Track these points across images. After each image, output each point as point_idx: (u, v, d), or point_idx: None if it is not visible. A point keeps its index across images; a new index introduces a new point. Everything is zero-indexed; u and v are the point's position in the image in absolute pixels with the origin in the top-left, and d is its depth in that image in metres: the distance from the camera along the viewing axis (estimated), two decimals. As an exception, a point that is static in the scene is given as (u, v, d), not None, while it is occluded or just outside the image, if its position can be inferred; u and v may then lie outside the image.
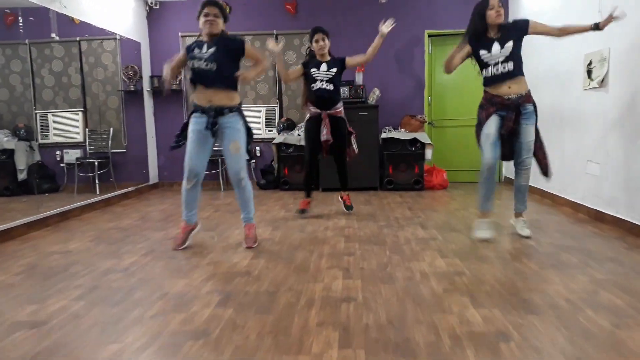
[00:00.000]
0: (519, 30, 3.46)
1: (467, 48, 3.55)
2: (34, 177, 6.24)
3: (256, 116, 6.90)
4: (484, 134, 3.47)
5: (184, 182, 3.36)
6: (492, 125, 3.44)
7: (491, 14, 3.40)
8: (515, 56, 3.42)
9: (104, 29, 5.84)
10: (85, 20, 5.31)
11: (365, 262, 3.05)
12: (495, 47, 3.43)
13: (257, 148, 6.92)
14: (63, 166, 6.45)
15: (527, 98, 3.45)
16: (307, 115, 4.57)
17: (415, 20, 6.56)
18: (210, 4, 3.24)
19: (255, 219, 3.55)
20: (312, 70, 4.40)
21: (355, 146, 4.62)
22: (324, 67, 4.40)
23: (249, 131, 3.38)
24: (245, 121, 3.36)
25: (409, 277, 2.74)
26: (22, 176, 6.16)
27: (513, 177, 3.72)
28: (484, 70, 3.52)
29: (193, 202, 3.41)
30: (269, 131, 6.89)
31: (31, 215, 4.25)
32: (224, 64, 3.23)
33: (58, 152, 6.49)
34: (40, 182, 6.33)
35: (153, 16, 6.81)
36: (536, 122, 3.51)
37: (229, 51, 3.28)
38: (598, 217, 4.07)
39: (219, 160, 6.68)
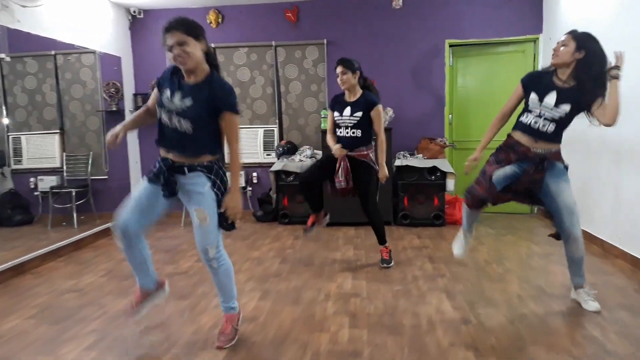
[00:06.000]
0: (581, 99, 2.70)
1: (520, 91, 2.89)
2: (5, 207, 5.62)
3: (253, 138, 6.11)
4: (496, 174, 2.83)
5: (117, 242, 2.49)
6: (504, 170, 2.81)
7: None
8: (563, 124, 2.75)
9: (75, 44, 5.09)
10: (49, 36, 4.56)
11: (376, 374, 2.24)
12: (551, 98, 2.71)
13: (254, 174, 6.13)
14: (37, 195, 5.76)
15: (557, 155, 2.81)
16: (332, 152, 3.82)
17: (434, 28, 5.71)
18: (172, 28, 2.30)
19: (239, 305, 2.66)
20: (336, 115, 3.72)
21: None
22: (347, 111, 3.67)
23: (219, 194, 2.45)
24: (214, 182, 2.43)
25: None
26: (-8, 206, 5.52)
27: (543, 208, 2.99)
28: (523, 115, 2.81)
29: (142, 263, 2.54)
30: (267, 155, 6.10)
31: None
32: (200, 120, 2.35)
33: (32, 179, 5.81)
34: (13, 212, 5.69)
35: (136, 27, 6.05)
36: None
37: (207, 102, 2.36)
38: (672, 284, 3.21)
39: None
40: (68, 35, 4.88)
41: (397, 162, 5.35)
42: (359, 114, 3.65)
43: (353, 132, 3.66)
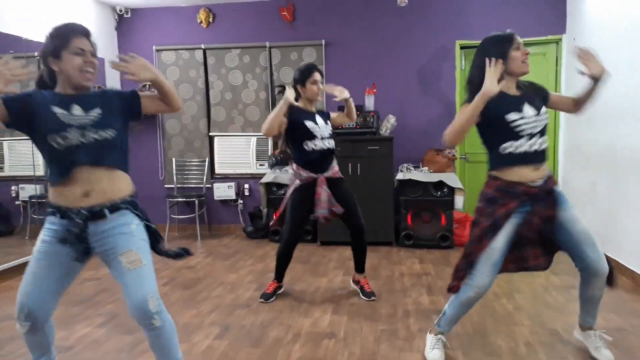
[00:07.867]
0: (540, 96, 2.29)
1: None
2: (-16, 217, 5.29)
3: (245, 147, 5.66)
4: (491, 248, 2.15)
5: (17, 325, 1.95)
6: (505, 233, 2.16)
7: (517, 57, 2.15)
8: (545, 131, 2.22)
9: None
10: (28, 37, 4.23)
11: None
12: (528, 109, 2.17)
13: (246, 186, 5.67)
14: (19, 204, 5.42)
15: (553, 180, 2.26)
16: (296, 182, 3.25)
17: (443, 28, 5.17)
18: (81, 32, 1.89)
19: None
20: (308, 123, 3.15)
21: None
22: (320, 120, 3.24)
23: (150, 230, 1.97)
24: (141, 218, 1.95)
25: None
26: (-28, 217, 5.21)
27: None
28: (506, 145, 2.16)
29: (43, 346, 2.02)
30: (260, 165, 5.63)
31: None
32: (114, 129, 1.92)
33: (14, 188, 5.47)
34: (-7, 223, 5.37)
35: (123, 27, 5.68)
36: None
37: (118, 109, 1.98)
38: None
39: (196, 202, 5.45)
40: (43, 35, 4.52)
41: (400, 176, 4.80)
42: (329, 123, 3.34)
43: (329, 143, 3.25)
